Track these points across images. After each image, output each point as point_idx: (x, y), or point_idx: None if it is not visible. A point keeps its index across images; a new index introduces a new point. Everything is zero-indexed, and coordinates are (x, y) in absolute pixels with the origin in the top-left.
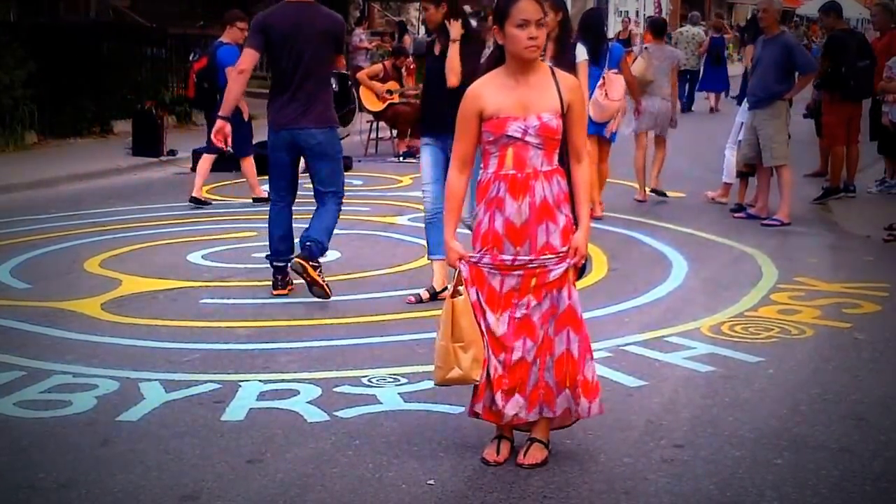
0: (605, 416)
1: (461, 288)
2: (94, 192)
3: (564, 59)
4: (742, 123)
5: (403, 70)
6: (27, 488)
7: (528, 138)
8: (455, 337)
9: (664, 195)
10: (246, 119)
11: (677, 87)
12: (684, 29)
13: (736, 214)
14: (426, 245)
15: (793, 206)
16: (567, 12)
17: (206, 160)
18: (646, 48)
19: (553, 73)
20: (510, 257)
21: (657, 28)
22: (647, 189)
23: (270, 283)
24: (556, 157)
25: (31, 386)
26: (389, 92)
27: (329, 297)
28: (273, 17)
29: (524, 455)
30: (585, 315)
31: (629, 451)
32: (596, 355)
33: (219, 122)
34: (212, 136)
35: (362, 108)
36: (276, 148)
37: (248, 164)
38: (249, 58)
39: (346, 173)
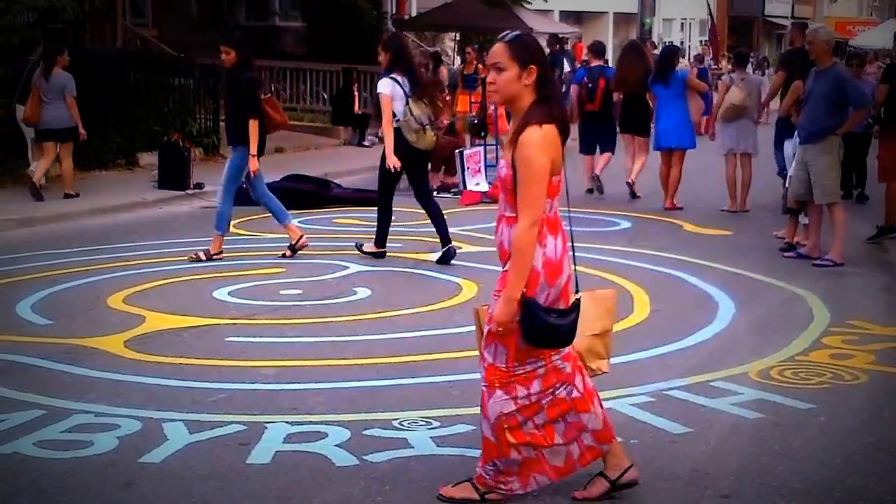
0: (647, 464)
1: None
2: (118, 226)
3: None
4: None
5: (439, 102)
6: None
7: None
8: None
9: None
10: None
11: (764, 111)
12: None
13: (786, 254)
14: None
15: (846, 245)
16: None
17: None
18: (732, 76)
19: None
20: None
21: (741, 59)
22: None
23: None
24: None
25: (52, 425)
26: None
27: None
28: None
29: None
30: (626, 358)
31: (673, 502)
32: (637, 400)
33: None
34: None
35: None
36: None
37: None
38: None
39: (378, 209)
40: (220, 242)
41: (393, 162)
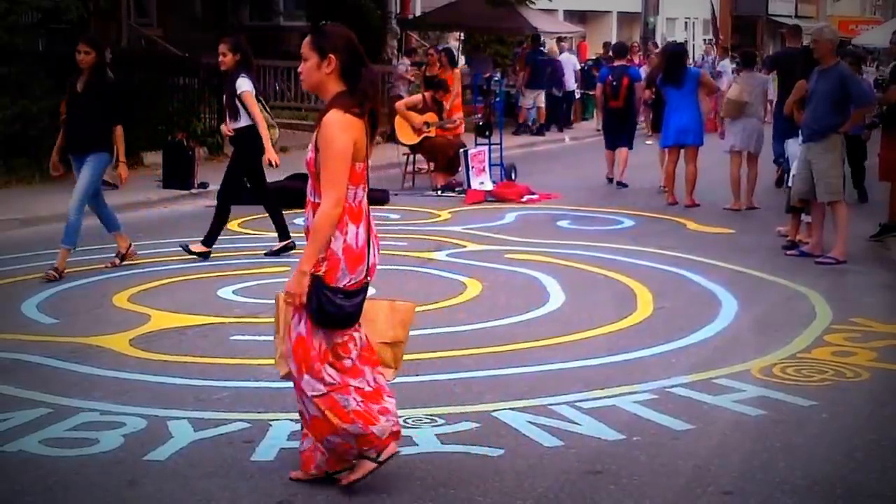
0: (650, 460)
1: None
2: (122, 225)
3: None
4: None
5: (445, 104)
6: None
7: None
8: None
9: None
10: None
11: (769, 109)
12: None
13: (788, 252)
14: None
15: (848, 243)
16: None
17: None
18: (738, 75)
19: None
20: None
21: (748, 58)
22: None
23: None
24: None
25: (58, 423)
26: (427, 125)
27: None
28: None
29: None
30: (630, 355)
31: (675, 498)
32: (641, 397)
33: None
34: None
35: (397, 141)
36: None
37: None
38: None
39: (382, 207)
40: (66, 257)
41: (274, 158)
